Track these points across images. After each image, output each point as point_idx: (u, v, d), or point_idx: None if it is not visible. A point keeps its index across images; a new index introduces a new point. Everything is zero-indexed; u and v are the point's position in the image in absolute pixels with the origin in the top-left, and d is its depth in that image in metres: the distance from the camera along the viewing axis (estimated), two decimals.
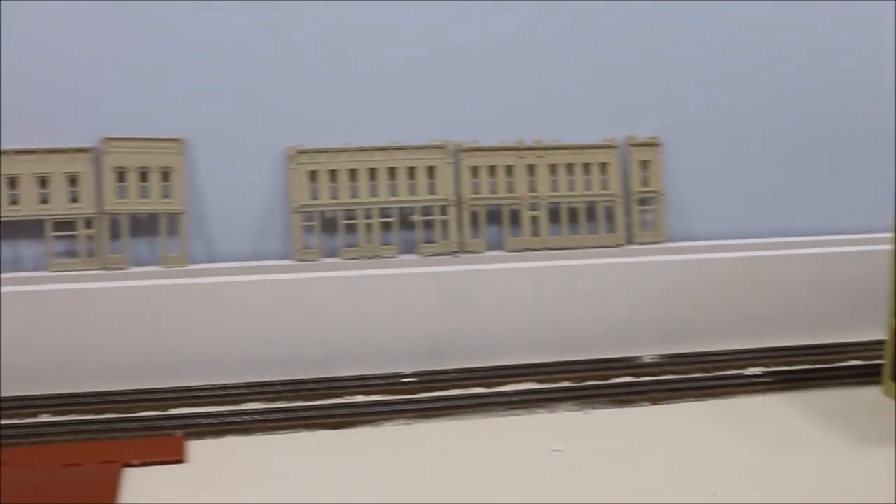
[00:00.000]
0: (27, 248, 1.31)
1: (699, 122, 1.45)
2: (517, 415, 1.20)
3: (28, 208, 1.29)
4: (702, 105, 1.45)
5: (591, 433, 1.15)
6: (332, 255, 1.36)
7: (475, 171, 1.38)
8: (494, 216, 1.40)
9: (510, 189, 1.39)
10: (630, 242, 1.42)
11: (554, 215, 1.40)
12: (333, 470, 1.07)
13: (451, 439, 1.14)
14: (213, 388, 1.25)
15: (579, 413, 1.21)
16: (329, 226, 1.36)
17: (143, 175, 1.31)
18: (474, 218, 1.38)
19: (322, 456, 1.10)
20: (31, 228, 1.30)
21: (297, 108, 1.35)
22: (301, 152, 1.34)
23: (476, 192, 1.38)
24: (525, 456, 1.10)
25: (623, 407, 1.22)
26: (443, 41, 1.37)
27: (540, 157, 1.40)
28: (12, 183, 1.29)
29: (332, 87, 1.35)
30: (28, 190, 1.29)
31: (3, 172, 1.28)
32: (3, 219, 1.28)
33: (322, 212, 1.35)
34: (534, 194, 1.39)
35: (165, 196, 1.32)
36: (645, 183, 1.43)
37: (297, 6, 1.33)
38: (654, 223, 1.43)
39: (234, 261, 1.34)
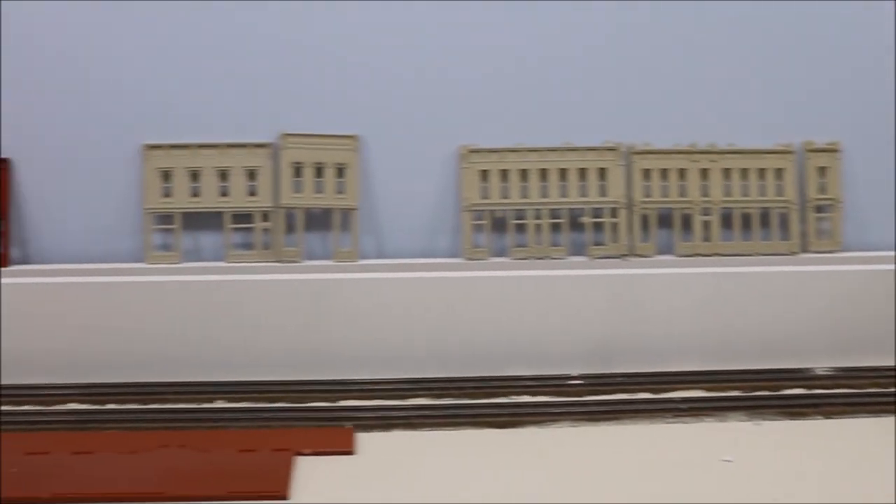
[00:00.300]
0: (206, 239, 1.35)
1: (881, 127, 1.40)
2: (685, 422, 1.19)
3: (208, 200, 1.33)
4: (884, 110, 1.40)
5: (761, 445, 1.13)
6: (500, 254, 1.36)
7: (647, 173, 1.37)
8: (665, 220, 1.38)
9: (682, 193, 1.37)
10: (804, 251, 1.38)
11: (726, 221, 1.38)
12: (499, 469, 1.07)
13: (617, 444, 1.13)
14: (381, 381, 1.27)
15: (749, 423, 1.19)
16: (498, 225, 1.36)
17: (319, 171, 1.34)
18: (645, 221, 1.37)
19: (488, 455, 1.11)
20: (210, 220, 1.34)
21: (470, 107, 1.36)
22: (473, 151, 1.35)
23: (647, 196, 1.37)
24: (693, 465, 1.08)
25: (795, 419, 1.19)
26: (617, 42, 1.36)
27: (713, 161, 1.37)
28: (194, 176, 1.33)
29: (504, 88, 1.36)
30: (209, 183, 1.33)
31: (186, 165, 1.33)
32: (184, 210, 1.33)
33: (492, 211, 1.36)
34: (706, 199, 1.37)
35: (339, 192, 1.34)
36: (822, 190, 1.39)
37: (472, 6, 1.34)
38: (831, 231, 1.39)
39: (403, 257, 1.36)
